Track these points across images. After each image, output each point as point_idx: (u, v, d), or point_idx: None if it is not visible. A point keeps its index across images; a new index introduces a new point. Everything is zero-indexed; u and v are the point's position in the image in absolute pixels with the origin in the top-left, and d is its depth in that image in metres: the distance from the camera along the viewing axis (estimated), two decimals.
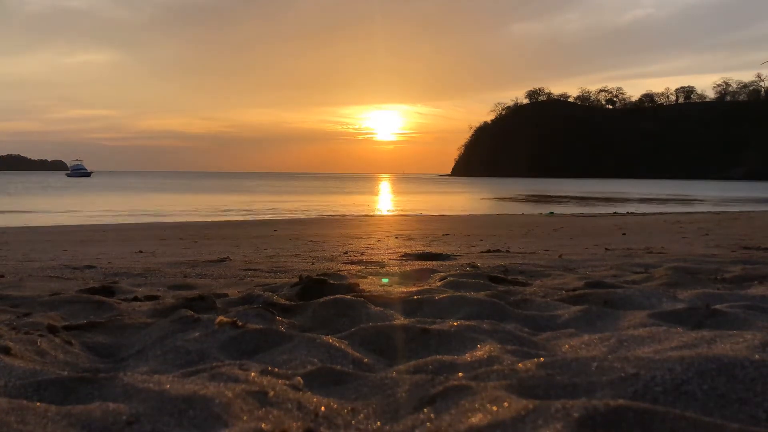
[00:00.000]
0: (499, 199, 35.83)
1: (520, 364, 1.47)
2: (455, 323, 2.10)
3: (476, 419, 1.13)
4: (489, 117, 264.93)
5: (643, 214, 20.35)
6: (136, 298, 2.90)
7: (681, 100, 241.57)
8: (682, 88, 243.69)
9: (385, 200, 39.37)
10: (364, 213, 24.36)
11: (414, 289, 3.08)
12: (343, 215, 22.32)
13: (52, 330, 2.04)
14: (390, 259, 5.30)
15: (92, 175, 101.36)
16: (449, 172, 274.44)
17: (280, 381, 1.43)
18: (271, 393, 1.32)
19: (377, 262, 4.97)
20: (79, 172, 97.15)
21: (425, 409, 1.25)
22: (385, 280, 3.69)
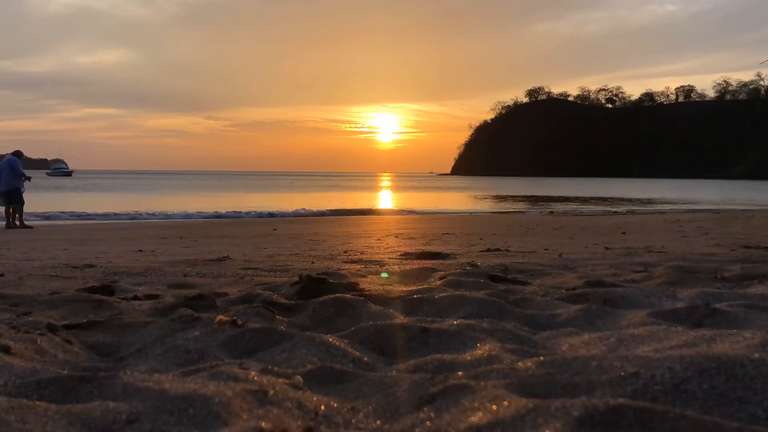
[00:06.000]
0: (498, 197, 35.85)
1: (519, 363, 1.47)
2: (455, 322, 2.10)
3: (476, 418, 1.13)
4: (489, 116, 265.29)
5: (643, 213, 20.35)
6: (136, 297, 2.90)
7: (681, 99, 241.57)
8: (681, 87, 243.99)
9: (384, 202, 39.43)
10: (363, 213, 24.35)
11: (414, 288, 3.08)
12: (342, 214, 22.30)
13: (52, 329, 2.04)
14: (390, 257, 5.30)
15: (72, 174, 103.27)
16: (449, 171, 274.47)
17: (280, 380, 1.43)
18: (271, 392, 1.32)
19: (377, 261, 4.97)
20: (60, 171, 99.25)
21: (425, 408, 1.25)
22: (384, 277, 3.69)
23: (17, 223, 13.79)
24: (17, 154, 14.28)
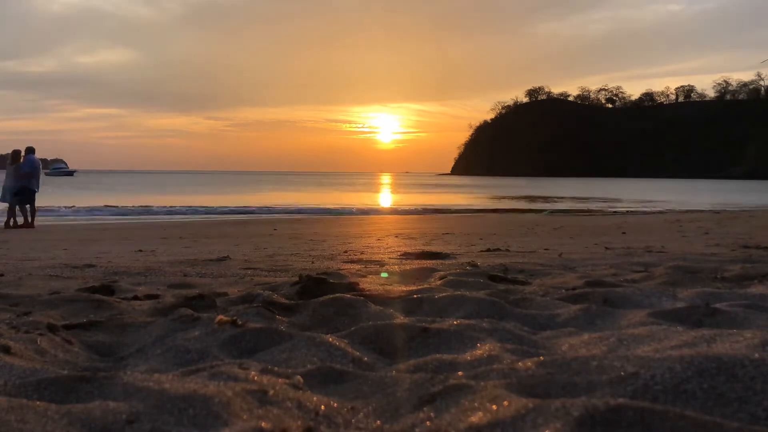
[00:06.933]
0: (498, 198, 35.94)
1: (519, 363, 1.47)
2: (455, 322, 2.10)
3: (476, 418, 1.13)
4: (489, 116, 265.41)
5: (644, 213, 20.36)
6: (136, 297, 2.90)
7: (681, 99, 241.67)
8: (681, 87, 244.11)
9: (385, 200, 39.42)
10: (364, 212, 24.34)
11: (414, 287, 3.08)
12: (342, 214, 22.30)
13: (52, 329, 2.04)
14: (390, 257, 5.30)
15: (74, 174, 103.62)
16: (449, 171, 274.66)
17: (280, 380, 1.43)
18: (271, 392, 1.32)
19: (377, 261, 4.97)
20: (60, 170, 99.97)
21: (425, 408, 1.25)
22: (384, 277, 3.69)
23: (29, 220, 13.81)
24: (33, 150, 14.25)
